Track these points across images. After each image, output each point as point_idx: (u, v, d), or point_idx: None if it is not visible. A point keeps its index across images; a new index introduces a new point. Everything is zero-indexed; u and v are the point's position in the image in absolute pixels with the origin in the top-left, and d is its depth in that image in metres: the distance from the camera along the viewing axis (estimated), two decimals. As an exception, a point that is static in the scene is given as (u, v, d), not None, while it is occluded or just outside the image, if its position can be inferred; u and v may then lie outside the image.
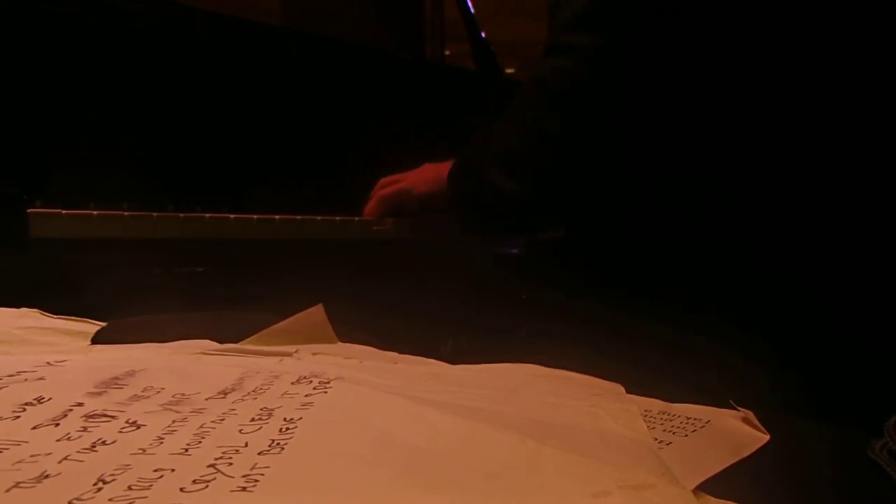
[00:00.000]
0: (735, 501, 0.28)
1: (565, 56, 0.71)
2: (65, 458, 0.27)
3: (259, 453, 0.28)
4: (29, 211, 0.79)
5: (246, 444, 0.29)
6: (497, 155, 0.79)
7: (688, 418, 0.38)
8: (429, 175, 0.99)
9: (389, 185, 1.06)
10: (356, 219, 1.07)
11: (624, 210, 0.76)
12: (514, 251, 1.30)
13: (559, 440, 0.32)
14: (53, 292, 0.57)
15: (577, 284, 0.78)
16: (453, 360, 0.49)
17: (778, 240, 0.65)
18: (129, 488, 0.24)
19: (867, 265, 0.63)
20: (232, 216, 0.95)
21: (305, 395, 0.36)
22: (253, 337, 0.51)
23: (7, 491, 0.24)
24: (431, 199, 0.98)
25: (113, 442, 0.29)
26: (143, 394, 0.35)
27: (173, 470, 0.26)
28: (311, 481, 0.26)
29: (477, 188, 0.82)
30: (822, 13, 0.63)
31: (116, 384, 0.36)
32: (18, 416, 0.31)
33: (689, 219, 0.70)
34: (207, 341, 0.49)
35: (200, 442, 0.29)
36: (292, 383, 0.38)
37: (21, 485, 0.24)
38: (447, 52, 1.74)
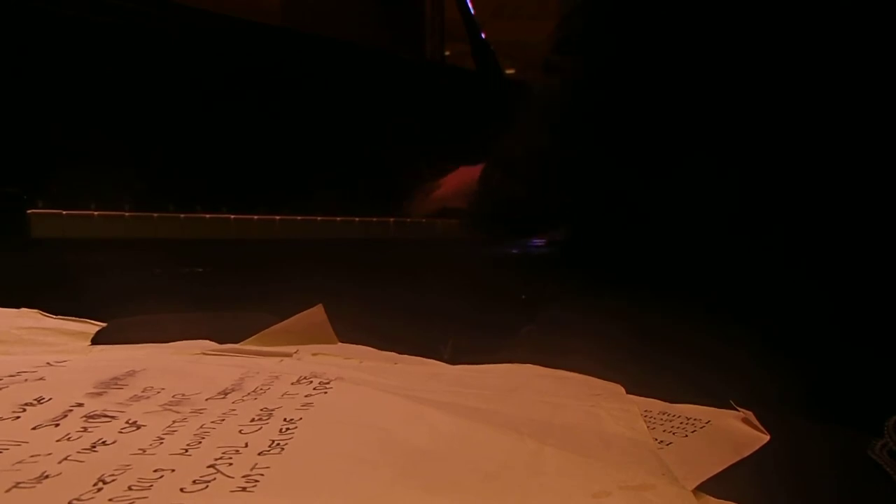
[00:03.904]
0: (735, 501, 0.28)
1: (551, 76, 0.77)
2: (65, 459, 0.27)
3: (259, 453, 0.28)
4: (30, 211, 0.79)
5: (246, 445, 0.29)
6: (501, 162, 0.87)
7: (688, 418, 0.38)
8: (465, 178, 1.08)
9: (433, 189, 1.17)
10: (356, 219, 1.08)
11: (623, 212, 0.76)
12: (515, 251, 1.30)
13: (559, 440, 0.32)
14: (53, 292, 0.57)
15: (578, 285, 0.78)
16: (453, 360, 0.49)
17: (778, 239, 0.65)
18: (130, 488, 0.24)
19: (868, 265, 0.63)
20: (232, 216, 0.95)
21: (305, 396, 0.36)
22: (253, 337, 0.51)
23: (7, 491, 0.24)
24: (465, 199, 1.06)
25: (113, 442, 0.29)
26: (143, 394, 0.35)
27: (173, 470, 0.26)
28: (311, 482, 0.26)
29: (488, 191, 0.90)
30: (807, 28, 0.63)
31: (116, 384, 0.36)
32: (18, 417, 0.31)
33: (688, 219, 0.70)
34: (207, 341, 0.49)
35: (200, 442, 0.29)
36: (292, 384, 0.38)
37: (21, 485, 0.24)
38: (447, 52, 1.74)
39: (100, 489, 0.24)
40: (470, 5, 1.48)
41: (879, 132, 0.63)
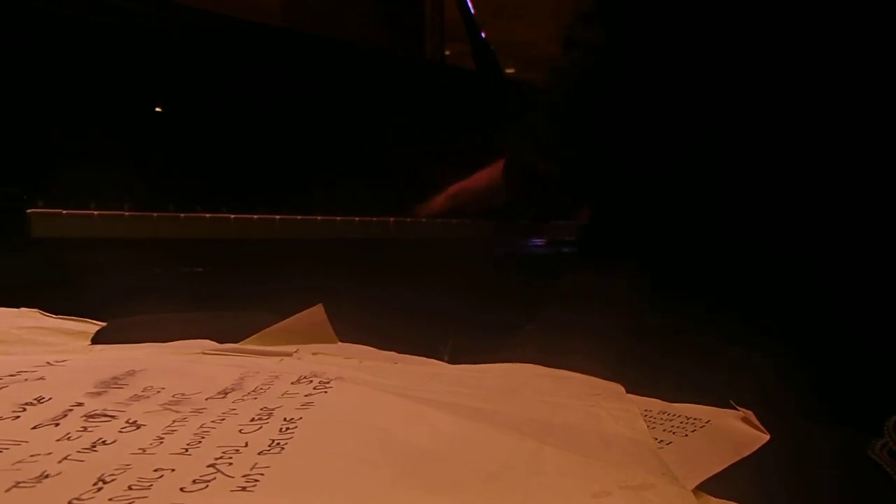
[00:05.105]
0: (735, 501, 0.28)
1: (572, 50, 0.79)
2: (65, 458, 0.27)
3: (259, 453, 0.28)
4: (30, 211, 0.79)
5: (246, 444, 0.29)
6: (528, 139, 0.90)
7: (688, 418, 0.38)
8: (484, 173, 1.11)
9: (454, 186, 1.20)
10: (356, 219, 1.08)
11: (624, 211, 0.76)
12: (515, 251, 1.30)
13: (559, 440, 0.32)
14: (53, 292, 0.57)
15: (578, 285, 0.78)
16: (453, 360, 0.49)
17: (778, 239, 0.65)
18: (130, 488, 0.24)
19: (868, 265, 0.63)
20: (232, 216, 0.95)
21: (305, 395, 0.36)
22: (253, 337, 0.51)
23: (7, 491, 0.24)
24: (489, 193, 1.09)
25: (113, 442, 0.29)
26: (143, 394, 0.35)
27: (173, 470, 0.26)
28: (312, 481, 0.26)
29: (519, 172, 0.93)
30: (825, 9, 0.63)
31: (116, 384, 0.36)
32: (18, 416, 0.31)
33: (689, 218, 0.70)
34: (207, 341, 0.49)
35: (200, 442, 0.29)
36: (292, 383, 0.38)
37: (21, 485, 0.24)
38: (447, 52, 1.74)
39: (100, 489, 0.24)
40: (470, 5, 1.48)
41: (880, 132, 0.63)
